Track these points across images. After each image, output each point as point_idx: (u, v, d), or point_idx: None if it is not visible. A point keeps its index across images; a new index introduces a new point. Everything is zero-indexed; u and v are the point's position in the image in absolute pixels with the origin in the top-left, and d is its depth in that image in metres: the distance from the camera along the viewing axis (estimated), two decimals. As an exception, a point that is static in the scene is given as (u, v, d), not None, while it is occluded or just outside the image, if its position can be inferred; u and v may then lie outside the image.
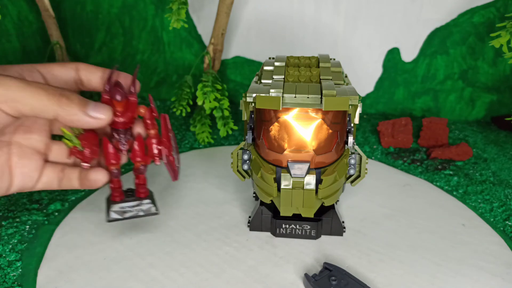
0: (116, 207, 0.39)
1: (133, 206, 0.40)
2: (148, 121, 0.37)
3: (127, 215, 0.39)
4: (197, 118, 0.67)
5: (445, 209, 0.52)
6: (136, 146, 0.37)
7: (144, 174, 0.39)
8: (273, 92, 0.39)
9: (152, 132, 0.37)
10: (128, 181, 0.45)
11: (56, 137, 0.39)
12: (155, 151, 0.37)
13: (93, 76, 0.38)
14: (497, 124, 0.74)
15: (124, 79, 0.37)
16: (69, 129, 0.35)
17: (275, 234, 0.46)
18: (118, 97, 0.34)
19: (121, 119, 0.35)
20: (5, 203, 0.52)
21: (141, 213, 0.40)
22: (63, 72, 0.37)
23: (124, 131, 0.36)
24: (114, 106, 0.34)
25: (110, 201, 0.40)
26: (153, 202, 0.40)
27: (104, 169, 0.36)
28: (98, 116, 0.33)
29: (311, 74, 0.43)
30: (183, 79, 0.68)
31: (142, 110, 0.36)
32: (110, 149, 0.37)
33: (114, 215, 0.39)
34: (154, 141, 0.37)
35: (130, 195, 0.40)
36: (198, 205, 0.52)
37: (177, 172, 0.39)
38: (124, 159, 0.38)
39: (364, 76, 0.76)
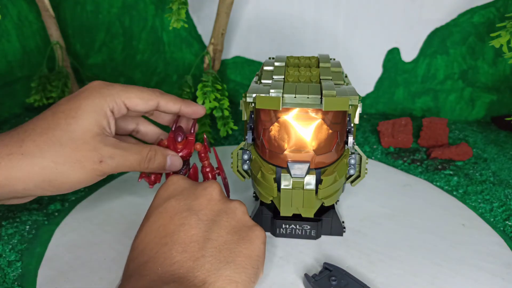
0: None
1: None
2: (203, 154, 0.46)
3: None
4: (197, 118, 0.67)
5: (445, 209, 0.52)
6: (191, 172, 0.46)
7: None
8: (273, 92, 0.39)
9: (206, 162, 0.47)
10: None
11: None
12: (210, 177, 0.47)
13: (170, 107, 0.45)
14: (497, 124, 0.74)
15: (186, 122, 0.48)
16: None
17: (275, 234, 0.46)
18: (179, 139, 0.44)
19: (180, 154, 0.44)
20: (5, 203, 0.52)
21: None
22: (145, 106, 0.43)
23: (184, 162, 0.45)
24: (176, 144, 0.44)
25: None
26: None
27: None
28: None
29: (311, 74, 0.43)
30: (183, 79, 0.68)
31: (198, 146, 0.45)
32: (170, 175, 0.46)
33: None
34: (208, 169, 0.46)
35: None
36: (198, 205, 0.52)
37: (229, 191, 0.48)
38: None
39: (364, 76, 0.76)
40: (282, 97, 0.38)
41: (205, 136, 0.49)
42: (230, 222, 0.36)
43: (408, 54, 0.73)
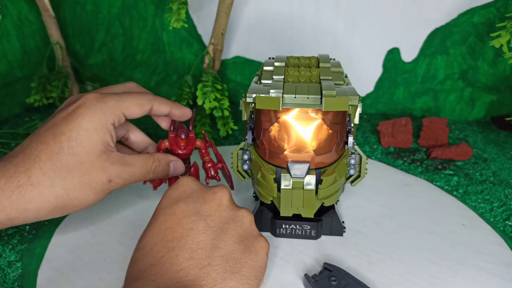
0: None
1: None
2: (203, 151, 0.46)
3: None
4: (197, 118, 0.67)
5: (445, 209, 0.52)
6: (192, 170, 0.47)
7: None
8: (273, 93, 0.39)
9: (207, 158, 0.47)
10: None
11: None
12: (212, 173, 0.47)
13: (163, 109, 0.44)
14: (497, 124, 0.74)
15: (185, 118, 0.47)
16: None
17: (275, 234, 0.46)
18: (183, 136, 0.44)
19: (184, 151, 0.45)
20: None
21: None
22: (141, 112, 0.42)
23: (185, 160, 0.46)
24: (179, 142, 0.44)
25: None
26: None
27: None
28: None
29: (311, 74, 0.43)
30: (183, 79, 0.68)
31: (198, 143, 0.46)
32: None
33: None
34: (209, 165, 0.47)
35: None
36: (198, 205, 0.52)
37: (232, 183, 0.48)
38: None
39: (364, 76, 0.76)
40: (282, 97, 0.38)
41: (204, 132, 0.49)
42: (238, 230, 0.36)
43: (408, 54, 0.73)
